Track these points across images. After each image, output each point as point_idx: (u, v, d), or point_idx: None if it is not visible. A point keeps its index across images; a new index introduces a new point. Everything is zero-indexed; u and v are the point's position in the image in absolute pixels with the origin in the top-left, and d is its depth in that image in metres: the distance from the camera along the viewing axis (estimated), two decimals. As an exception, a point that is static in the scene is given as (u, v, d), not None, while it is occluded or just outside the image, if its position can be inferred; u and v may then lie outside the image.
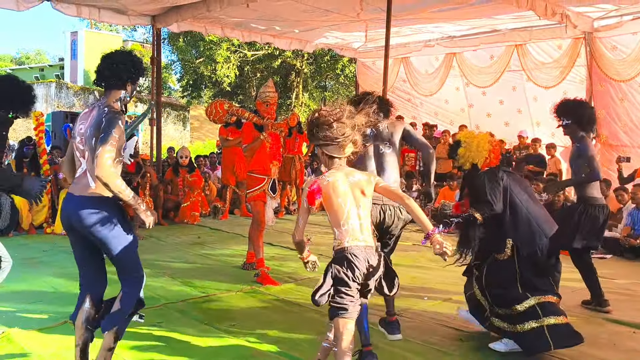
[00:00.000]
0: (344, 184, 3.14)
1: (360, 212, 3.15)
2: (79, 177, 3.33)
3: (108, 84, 3.40)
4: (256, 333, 4.41)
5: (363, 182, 3.17)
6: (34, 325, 4.44)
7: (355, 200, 3.14)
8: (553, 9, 8.64)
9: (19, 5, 8.84)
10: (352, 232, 3.11)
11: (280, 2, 9.24)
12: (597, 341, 4.42)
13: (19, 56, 55.88)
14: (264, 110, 6.14)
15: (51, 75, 39.62)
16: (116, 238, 3.29)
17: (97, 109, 3.33)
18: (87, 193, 3.26)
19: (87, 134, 3.27)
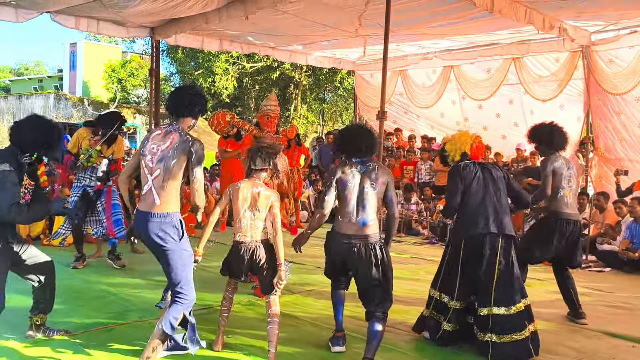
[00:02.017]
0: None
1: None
2: (146, 194, 3.72)
3: (185, 112, 3.86)
4: (253, 346, 4.39)
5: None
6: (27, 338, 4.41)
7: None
8: (551, 23, 8.68)
9: (18, 17, 8.86)
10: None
11: (279, 16, 9.26)
12: (596, 355, 4.41)
13: (18, 67, 56.00)
14: (265, 123, 6.16)
15: (50, 86, 39.72)
16: (176, 252, 3.70)
17: (177, 134, 3.77)
18: (153, 210, 3.66)
19: (168, 155, 3.70)
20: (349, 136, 4.37)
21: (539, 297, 6.23)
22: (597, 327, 5.12)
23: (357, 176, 4.20)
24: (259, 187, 4.12)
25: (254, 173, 4.20)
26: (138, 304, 5.50)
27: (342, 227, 4.19)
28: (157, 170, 3.71)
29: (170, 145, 3.73)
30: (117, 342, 4.41)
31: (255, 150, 4.24)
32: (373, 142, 4.32)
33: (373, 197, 4.18)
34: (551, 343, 4.65)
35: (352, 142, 4.29)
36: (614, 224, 8.81)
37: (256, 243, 4.11)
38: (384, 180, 4.23)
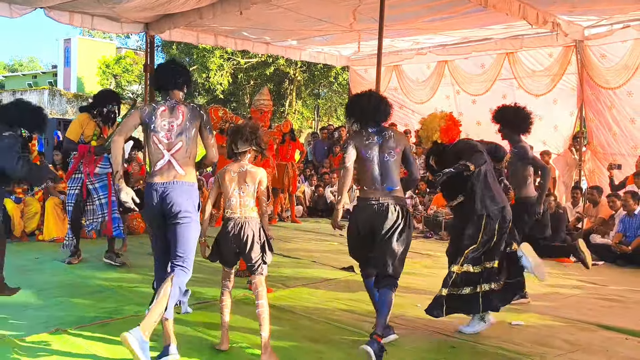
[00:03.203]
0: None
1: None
2: (162, 168, 3.87)
3: (174, 86, 4.05)
4: (249, 339, 4.38)
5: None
6: (25, 332, 4.40)
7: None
8: (544, 18, 8.69)
9: (12, 12, 8.80)
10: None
11: (273, 11, 9.24)
12: (590, 347, 4.42)
13: (12, 63, 55.66)
14: (258, 117, 6.13)
15: (44, 82, 39.50)
16: (193, 222, 3.91)
17: (183, 106, 3.99)
18: (178, 179, 3.86)
19: (186, 127, 3.93)
20: (364, 105, 4.41)
21: (532, 290, 6.23)
22: (590, 319, 5.13)
23: (375, 146, 4.30)
24: (245, 167, 4.12)
25: (238, 156, 4.14)
26: (134, 299, 5.48)
27: (368, 193, 4.28)
28: (178, 143, 3.91)
29: (184, 119, 3.95)
30: (114, 336, 4.40)
31: (234, 133, 4.16)
32: (388, 110, 4.43)
33: (393, 165, 4.30)
34: (545, 336, 4.67)
35: (368, 111, 4.37)
36: (607, 218, 8.84)
37: (245, 219, 4.06)
38: (401, 147, 4.34)
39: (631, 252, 7.88)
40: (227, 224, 4.08)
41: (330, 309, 5.28)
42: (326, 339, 4.48)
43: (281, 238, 9.13)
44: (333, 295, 5.78)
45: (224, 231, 4.09)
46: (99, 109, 6.67)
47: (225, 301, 4.23)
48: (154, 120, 3.93)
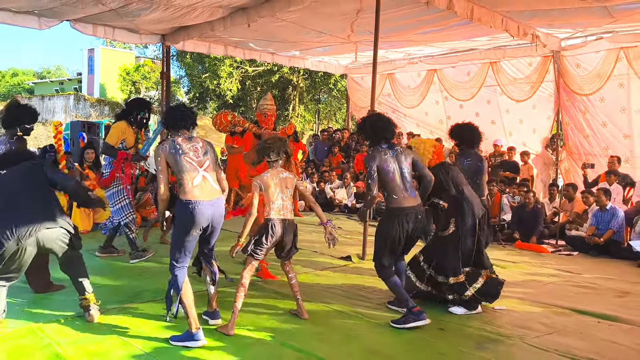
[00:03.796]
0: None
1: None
2: (199, 184, 3.97)
3: (185, 127, 4.18)
4: (256, 323, 4.39)
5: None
6: (52, 318, 4.41)
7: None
8: (525, 30, 8.67)
9: (40, 25, 8.80)
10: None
11: (278, 24, 9.23)
12: (565, 330, 4.42)
13: (40, 71, 55.65)
14: (263, 121, 6.13)
15: (70, 88, 39.52)
16: None
17: (197, 138, 4.20)
18: (216, 196, 4.05)
19: (208, 149, 4.15)
20: (377, 126, 4.64)
21: (513, 277, 6.25)
22: (566, 305, 5.13)
23: (392, 160, 4.54)
24: (283, 173, 4.42)
25: (272, 164, 4.42)
26: (150, 286, 5.48)
27: (403, 202, 4.49)
28: (206, 161, 4.08)
29: (203, 144, 4.15)
30: (133, 318, 4.41)
31: (263, 148, 4.47)
32: (392, 130, 4.70)
33: (409, 174, 4.58)
34: (524, 319, 4.67)
35: (382, 131, 4.62)
36: (581, 212, 8.83)
37: (289, 221, 4.38)
38: (410, 159, 4.62)
39: (603, 244, 7.88)
40: (274, 225, 4.31)
41: (329, 294, 5.29)
42: (325, 321, 4.49)
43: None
44: (332, 281, 5.79)
45: (268, 232, 4.31)
46: (133, 116, 6.55)
47: (245, 285, 4.30)
48: (178, 148, 4.03)
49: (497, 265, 6.83)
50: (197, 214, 3.91)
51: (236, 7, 8.46)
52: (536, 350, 3.96)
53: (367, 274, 6.21)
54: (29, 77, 51.50)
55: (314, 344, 3.97)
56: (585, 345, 4.09)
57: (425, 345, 4.04)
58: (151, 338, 4.01)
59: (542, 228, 8.79)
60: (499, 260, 7.19)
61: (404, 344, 4.05)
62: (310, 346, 3.93)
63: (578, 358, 3.83)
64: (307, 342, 4.02)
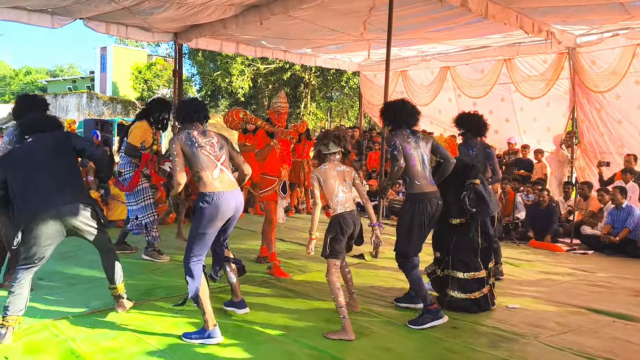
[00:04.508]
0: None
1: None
2: (218, 177, 4.01)
3: (198, 119, 4.20)
4: (268, 320, 4.42)
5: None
6: (63, 313, 4.47)
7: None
8: (540, 27, 8.61)
9: (53, 23, 8.87)
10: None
11: (290, 22, 9.23)
12: (580, 329, 4.41)
13: (53, 69, 56.16)
14: (275, 118, 6.15)
15: (83, 86, 39.83)
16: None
17: (210, 131, 4.22)
18: (234, 187, 4.08)
19: (223, 143, 4.18)
20: (398, 111, 4.66)
21: (527, 276, 6.24)
22: (580, 304, 5.11)
23: (414, 146, 4.57)
24: (340, 166, 4.34)
25: (329, 156, 4.34)
26: (164, 283, 5.54)
27: (424, 188, 4.52)
28: (222, 155, 4.11)
29: (218, 138, 4.17)
30: (147, 315, 4.46)
31: (325, 136, 4.40)
32: (416, 117, 4.70)
33: (429, 161, 4.61)
34: (538, 318, 4.66)
35: (406, 117, 4.64)
36: (596, 211, 8.78)
37: (355, 212, 4.32)
38: (429, 144, 4.65)
39: (618, 242, 7.83)
40: (345, 217, 4.23)
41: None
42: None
43: (297, 228, 9.16)
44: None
45: (341, 226, 4.22)
46: (154, 117, 6.55)
47: (343, 296, 4.20)
48: (194, 141, 4.04)
49: (511, 263, 6.84)
50: (222, 204, 3.93)
51: (248, 5, 8.48)
52: (550, 349, 3.95)
53: (380, 272, 6.23)
54: (42, 76, 51.99)
55: (327, 342, 3.99)
56: (600, 344, 4.07)
57: (438, 343, 4.04)
58: (165, 334, 4.05)
59: (557, 226, 8.74)
60: (513, 258, 7.17)
61: (417, 342, 4.06)
62: (323, 344, 3.95)
63: (593, 357, 3.81)
64: (320, 339, 4.04)
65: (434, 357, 3.80)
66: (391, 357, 3.78)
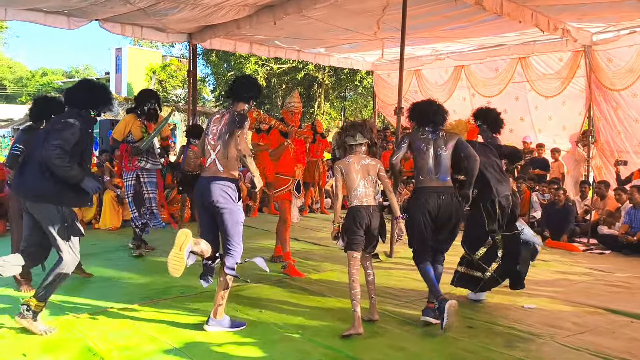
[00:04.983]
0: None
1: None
2: (209, 165, 4.12)
3: (237, 98, 4.27)
4: (283, 319, 4.43)
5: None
6: (80, 311, 4.52)
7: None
8: (555, 25, 8.55)
9: (70, 24, 8.98)
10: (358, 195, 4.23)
11: (304, 21, 9.24)
12: (597, 329, 4.37)
13: (70, 70, 56.63)
14: (289, 118, 6.16)
15: (98, 87, 40.02)
16: (232, 212, 4.05)
17: (229, 114, 4.19)
18: (217, 174, 4.06)
19: (222, 132, 4.10)
20: (423, 111, 4.70)
21: (543, 276, 6.19)
22: (598, 304, 5.06)
23: (430, 142, 4.55)
24: (366, 159, 4.30)
25: (355, 147, 4.31)
26: (179, 281, 5.55)
27: (426, 182, 4.51)
28: (218, 146, 4.11)
29: (224, 124, 4.15)
30: (163, 313, 4.49)
31: (351, 127, 4.37)
32: (443, 115, 4.68)
33: (445, 159, 4.53)
34: (555, 318, 4.62)
35: (426, 115, 4.66)
36: (614, 210, 8.69)
37: (372, 207, 4.24)
38: (452, 143, 4.57)
39: (636, 242, 7.74)
40: (359, 210, 4.20)
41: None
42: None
43: (312, 228, 9.18)
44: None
45: (355, 218, 4.20)
46: (141, 108, 6.63)
47: (357, 287, 4.21)
48: (209, 127, 4.24)
49: (527, 263, 6.78)
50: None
51: (262, 5, 8.51)
52: (567, 349, 3.91)
53: (395, 272, 6.22)
54: (59, 77, 52.46)
55: (342, 341, 3.99)
56: (617, 344, 4.03)
57: (454, 343, 4.03)
58: (180, 333, 4.08)
59: (574, 226, 8.67)
60: (529, 258, 7.12)
61: (432, 342, 4.04)
62: (337, 343, 3.95)
63: (610, 358, 3.77)
64: (335, 338, 4.04)
65: (450, 357, 3.79)
66: (406, 356, 3.78)
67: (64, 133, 3.84)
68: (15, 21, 8.97)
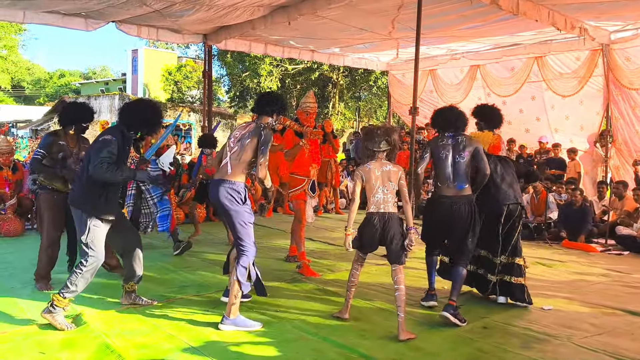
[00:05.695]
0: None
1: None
2: (223, 166, 4.29)
3: (262, 112, 4.47)
4: (299, 319, 4.44)
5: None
6: (98, 309, 4.57)
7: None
8: (572, 23, 8.48)
9: (87, 26, 9.09)
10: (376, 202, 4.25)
11: (318, 22, 9.27)
12: (615, 331, 4.32)
13: (87, 72, 57.30)
14: (304, 119, 6.17)
15: (115, 88, 40.56)
16: (238, 212, 4.17)
17: (255, 124, 4.38)
18: (225, 177, 4.21)
19: (242, 137, 4.29)
20: (445, 117, 4.77)
21: (560, 277, 6.15)
22: (616, 305, 5.01)
23: (449, 149, 4.66)
24: (387, 166, 4.30)
25: (378, 153, 4.32)
26: (195, 281, 5.61)
27: (442, 190, 4.64)
28: (235, 147, 4.29)
29: (247, 130, 4.35)
30: (179, 312, 4.52)
31: (371, 133, 4.37)
32: (464, 121, 4.74)
33: (463, 165, 4.60)
34: (572, 319, 4.58)
35: (448, 121, 4.73)
36: (632, 210, 8.59)
37: (389, 214, 4.22)
38: (470, 149, 4.63)
39: (655, 243, 7.65)
40: (373, 218, 4.24)
41: (372, 292, 5.29)
42: (368, 318, 4.51)
43: (326, 228, 9.19)
44: (374, 279, 5.80)
45: (369, 224, 4.25)
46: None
47: (354, 281, 4.46)
48: (232, 133, 4.46)
49: (544, 264, 6.74)
50: (210, 190, 4.34)
51: (277, 6, 8.55)
52: (584, 351, 3.88)
53: (410, 272, 6.19)
54: (76, 78, 53.08)
55: (356, 341, 4.00)
56: (636, 346, 3.98)
57: (469, 343, 4.01)
58: (197, 331, 4.11)
59: (591, 227, 8.58)
60: (546, 259, 7.08)
61: (447, 342, 4.03)
62: (352, 342, 3.96)
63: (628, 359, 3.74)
64: (349, 338, 4.05)
65: (465, 357, 3.77)
66: (421, 356, 3.77)
67: (104, 150, 4.11)
68: (34, 24, 9.08)
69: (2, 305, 4.67)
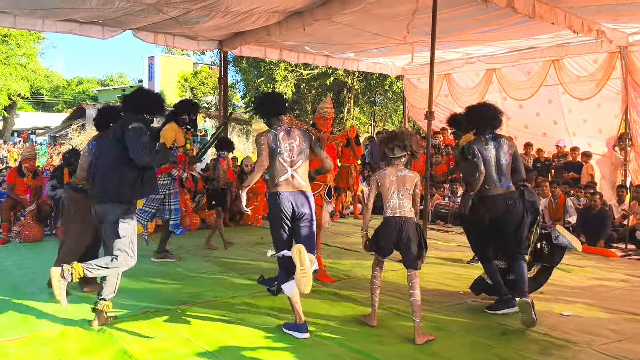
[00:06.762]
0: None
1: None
2: (286, 180, 4.26)
3: (283, 111, 4.47)
4: (315, 324, 4.43)
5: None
6: (118, 315, 4.60)
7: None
8: (589, 26, 8.40)
9: (104, 34, 9.21)
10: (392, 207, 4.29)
11: (333, 27, 9.28)
12: (636, 337, 4.26)
13: (104, 79, 57.90)
14: (321, 124, 6.17)
15: (131, 95, 40.83)
16: (314, 219, 4.32)
17: (296, 129, 4.40)
18: (304, 189, 4.29)
19: (303, 147, 4.34)
20: (482, 115, 4.81)
21: (579, 282, 6.07)
22: (637, 311, 4.93)
23: (492, 150, 4.72)
24: (403, 171, 4.34)
25: (394, 160, 4.36)
26: (212, 287, 5.63)
27: (491, 191, 4.70)
28: (299, 161, 4.31)
29: (301, 140, 4.34)
30: (195, 318, 4.54)
31: (390, 139, 4.39)
32: (500, 119, 4.81)
33: (506, 166, 4.72)
34: (591, 325, 4.52)
35: (486, 120, 4.78)
36: (651, 214, 8.47)
37: (405, 219, 4.24)
38: (511, 151, 4.78)
39: (676, 248, 7.53)
40: (389, 221, 4.27)
41: (388, 297, 5.26)
42: (384, 323, 4.49)
43: (342, 233, 9.18)
44: (390, 284, 5.75)
45: (385, 228, 4.28)
46: (182, 118, 6.75)
47: (377, 284, 4.44)
48: (279, 145, 4.31)
49: (562, 269, 6.65)
50: (281, 201, 4.22)
51: (292, 12, 8.59)
52: (605, 357, 3.82)
53: (425, 276, 6.16)
54: (94, 85, 53.69)
55: (373, 346, 3.98)
56: (657, 353, 3.92)
57: (487, 349, 3.97)
58: (213, 336, 4.12)
59: (610, 231, 8.47)
60: (565, 264, 6.96)
61: (464, 348, 4.00)
62: (368, 348, 3.94)
63: (650, 366, 3.68)
64: (366, 343, 4.03)
65: (483, 364, 3.75)
66: (438, 362, 3.75)
67: (143, 137, 4.26)
68: (52, 32, 9.22)
69: (22, 309, 4.73)
